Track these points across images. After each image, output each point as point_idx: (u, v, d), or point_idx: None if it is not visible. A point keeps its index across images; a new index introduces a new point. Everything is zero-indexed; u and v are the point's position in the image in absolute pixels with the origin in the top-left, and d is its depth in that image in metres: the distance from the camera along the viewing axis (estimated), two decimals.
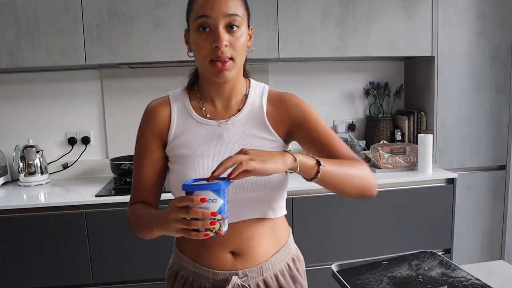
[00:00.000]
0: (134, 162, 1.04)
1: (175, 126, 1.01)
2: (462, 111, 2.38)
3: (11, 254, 1.89)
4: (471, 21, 2.33)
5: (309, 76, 2.59)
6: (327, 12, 2.20)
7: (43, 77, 2.39)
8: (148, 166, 1.01)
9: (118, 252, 1.93)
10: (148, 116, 1.03)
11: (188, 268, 1.02)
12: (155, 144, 1.01)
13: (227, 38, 0.90)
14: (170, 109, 1.02)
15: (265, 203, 0.99)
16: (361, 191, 0.95)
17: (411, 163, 2.27)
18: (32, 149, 2.26)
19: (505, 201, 2.49)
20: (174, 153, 1.00)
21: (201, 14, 0.90)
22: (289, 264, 1.05)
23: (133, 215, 1.00)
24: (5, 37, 2.02)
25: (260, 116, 1.01)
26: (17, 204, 1.90)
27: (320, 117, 1.02)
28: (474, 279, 0.98)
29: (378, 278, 1.01)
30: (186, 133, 1.00)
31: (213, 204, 0.76)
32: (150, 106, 1.04)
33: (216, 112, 1.01)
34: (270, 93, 1.05)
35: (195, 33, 0.92)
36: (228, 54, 0.90)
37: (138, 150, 1.03)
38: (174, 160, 1.01)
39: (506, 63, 2.39)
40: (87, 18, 2.06)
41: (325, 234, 2.08)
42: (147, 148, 1.02)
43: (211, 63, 0.91)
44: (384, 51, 2.27)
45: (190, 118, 1.01)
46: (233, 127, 0.99)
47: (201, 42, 0.91)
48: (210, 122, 1.00)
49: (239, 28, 0.91)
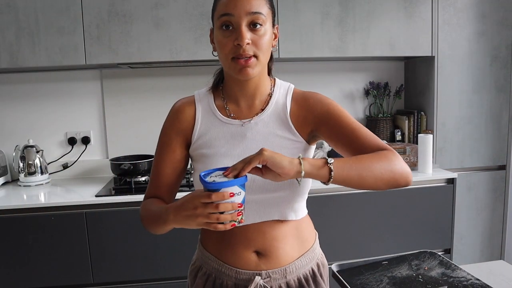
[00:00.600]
0: (154, 157, 1.06)
1: (199, 125, 1.02)
2: (462, 111, 2.38)
3: (11, 254, 1.89)
4: (471, 21, 2.33)
5: (309, 76, 2.59)
6: (327, 12, 2.20)
7: (43, 77, 2.39)
8: (167, 163, 1.02)
9: (118, 252, 1.93)
10: (173, 115, 1.04)
11: (211, 265, 1.02)
12: (177, 142, 1.03)
13: (249, 36, 0.90)
14: (195, 108, 1.03)
15: (287, 204, 0.99)
16: (388, 182, 0.89)
17: (411, 163, 2.27)
18: (32, 149, 2.26)
19: (505, 201, 2.49)
20: (197, 152, 1.01)
21: (224, 13, 0.90)
22: (313, 269, 1.04)
23: (146, 209, 1.01)
24: (5, 37, 2.02)
25: (283, 115, 1.01)
26: (17, 204, 1.90)
27: (344, 110, 0.99)
28: (474, 279, 0.98)
29: (378, 278, 1.01)
30: (210, 133, 1.01)
31: (238, 197, 0.79)
32: (176, 105, 1.05)
33: (240, 111, 1.02)
34: (295, 92, 1.05)
35: (219, 31, 0.92)
36: (250, 52, 0.90)
37: (160, 146, 1.04)
38: (197, 159, 1.02)
39: (506, 63, 2.39)
40: (87, 18, 2.06)
41: (325, 234, 2.07)
42: (169, 146, 1.03)
43: (233, 60, 0.91)
44: (384, 51, 2.27)
45: (214, 118, 1.02)
46: (256, 127, 0.99)
47: (224, 40, 0.91)
48: (233, 122, 1.00)
49: (262, 26, 0.91)
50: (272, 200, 0.96)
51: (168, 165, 1.03)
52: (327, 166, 0.83)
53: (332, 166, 0.83)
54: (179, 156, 1.03)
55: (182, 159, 1.04)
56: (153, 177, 1.05)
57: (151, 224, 0.97)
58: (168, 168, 1.03)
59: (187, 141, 1.03)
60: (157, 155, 1.05)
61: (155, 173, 1.04)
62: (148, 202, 1.02)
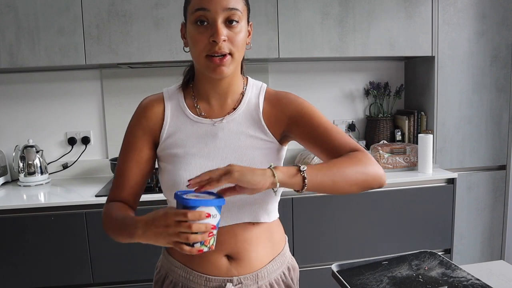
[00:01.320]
0: (118, 158, 1.01)
1: (168, 124, 0.98)
2: (462, 111, 2.38)
3: (11, 254, 1.89)
4: (471, 21, 2.33)
5: (309, 76, 2.59)
6: (327, 12, 2.20)
7: (43, 77, 2.39)
8: (133, 163, 0.97)
9: (118, 252, 1.93)
10: (140, 113, 1.00)
11: (178, 273, 0.97)
12: (144, 142, 0.98)
13: (225, 32, 0.87)
14: (164, 106, 0.99)
15: (260, 205, 0.96)
16: (362, 185, 0.88)
17: (411, 163, 2.27)
18: (32, 149, 2.26)
19: (505, 201, 2.49)
20: (166, 152, 0.97)
21: (199, 7, 0.87)
22: (285, 273, 1.02)
23: (110, 214, 0.94)
24: (5, 37, 2.02)
25: (256, 115, 0.98)
26: (17, 204, 1.90)
27: (317, 110, 0.98)
28: (474, 279, 0.98)
29: (378, 278, 1.01)
30: (180, 132, 0.97)
31: (213, 219, 0.76)
32: (143, 103, 1.01)
33: (211, 110, 0.99)
34: (268, 92, 1.02)
35: (192, 27, 0.89)
36: (226, 49, 0.87)
37: (125, 146, 1.00)
38: (166, 159, 0.97)
39: (506, 63, 2.39)
40: (87, 18, 2.05)
41: (325, 234, 2.08)
42: (135, 145, 0.98)
43: (207, 58, 0.88)
44: (384, 51, 2.27)
45: (184, 117, 0.98)
46: (228, 126, 0.97)
47: (198, 36, 0.88)
48: (204, 121, 0.97)
49: (238, 23, 0.88)
50: (244, 201, 0.93)
51: (133, 165, 0.97)
52: (300, 174, 0.81)
53: (305, 174, 0.81)
54: (145, 156, 0.98)
55: (148, 159, 0.99)
56: (117, 178, 0.99)
57: (114, 232, 0.91)
58: (134, 168, 0.97)
59: (154, 140, 0.99)
60: (122, 155, 0.99)
61: (120, 174, 0.98)
62: (112, 207, 0.96)
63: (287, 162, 2.56)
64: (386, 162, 2.23)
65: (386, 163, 2.23)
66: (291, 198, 2.00)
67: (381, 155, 2.23)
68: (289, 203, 2.01)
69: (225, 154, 0.94)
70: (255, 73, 2.64)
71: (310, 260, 2.08)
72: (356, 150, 0.90)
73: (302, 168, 0.82)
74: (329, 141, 0.93)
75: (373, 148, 2.28)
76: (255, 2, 2.12)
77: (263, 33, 2.16)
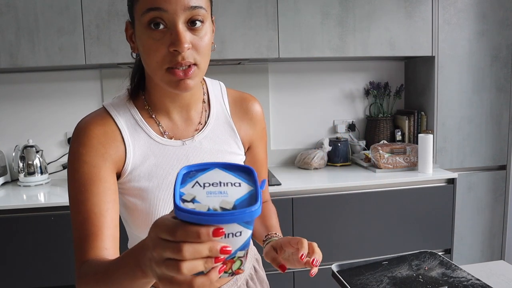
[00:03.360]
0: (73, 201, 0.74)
1: (133, 152, 0.78)
2: (462, 111, 2.38)
3: (11, 254, 1.89)
4: (471, 21, 2.32)
5: (309, 76, 2.59)
6: (327, 12, 2.20)
7: (43, 77, 2.39)
8: (100, 196, 0.72)
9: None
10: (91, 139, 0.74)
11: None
12: (106, 170, 0.75)
13: (189, 37, 0.69)
14: (118, 128, 0.78)
15: None
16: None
17: (411, 163, 2.27)
18: (32, 149, 2.26)
19: (505, 201, 2.49)
20: (131, 185, 0.79)
21: (154, 6, 0.67)
22: (255, 266, 0.99)
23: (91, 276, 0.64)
24: (5, 37, 2.02)
25: (228, 126, 0.87)
26: (17, 204, 1.90)
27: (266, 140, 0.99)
28: (474, 279, 0.98)
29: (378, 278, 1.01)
30: (148, 160, 0.79)
31: (235, 239, 0.45)
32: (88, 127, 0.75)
33: (175, 127, 0.82)
34: (230, 95, 0.90)
35: (145, 31, 0.70)
36: (190, 59, 0.70)
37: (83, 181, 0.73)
38: (134, 194, 0.79)
39: (506, 63, 2.39)
40: (87, 18, 2.05)
41: (325, 234, 2.08)
42: (97, 176, 0.73)
43: (168, 70, 0.70)
44: (384, 51, 2.27)
45: (148, 139, 0.79)
46: (201, 145, 0.82)
47: (154, 44, 0.69)
48: (172, 143, 0.80)
49: (203, 24, 0.71)
50: None
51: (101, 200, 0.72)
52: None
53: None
54: (113, 187, 0.75)
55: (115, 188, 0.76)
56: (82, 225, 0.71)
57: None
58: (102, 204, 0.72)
59: (116, 170, 0.77)
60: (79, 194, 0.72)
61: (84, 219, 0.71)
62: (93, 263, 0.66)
63: (287, 162, 2.56)
64: (386, 162, 2.23)
65: (386, 163, 2.23)
66: (291, 198, 2.00)
67: (381, 155, 2.23)
68: (289, 203, 2.01)
69: None
70: (255, 73, 2.65)
71: None
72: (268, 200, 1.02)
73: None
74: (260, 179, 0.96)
75: (373, 148, 2.28)
76: (255, 2, 2.12)
77: (263, 33, 2.16)
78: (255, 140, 0.93)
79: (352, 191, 2.07)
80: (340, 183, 2.08)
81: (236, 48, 2.12)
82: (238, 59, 2.21)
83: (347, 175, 2.22)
